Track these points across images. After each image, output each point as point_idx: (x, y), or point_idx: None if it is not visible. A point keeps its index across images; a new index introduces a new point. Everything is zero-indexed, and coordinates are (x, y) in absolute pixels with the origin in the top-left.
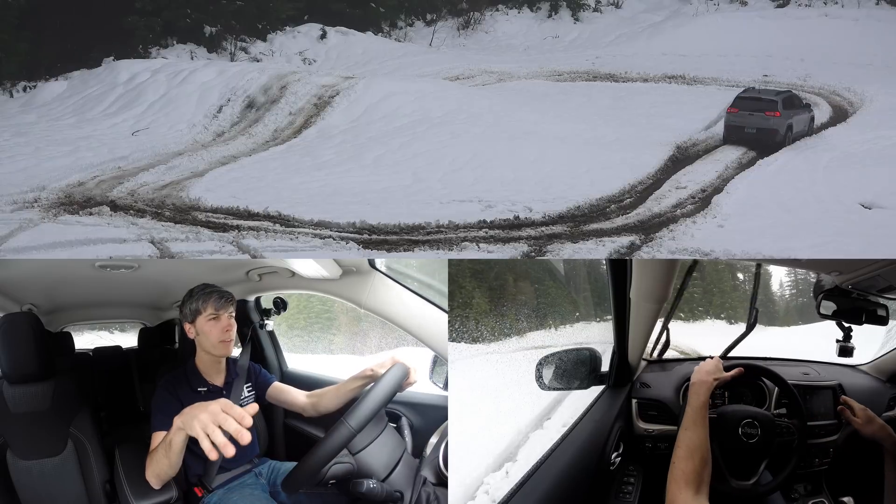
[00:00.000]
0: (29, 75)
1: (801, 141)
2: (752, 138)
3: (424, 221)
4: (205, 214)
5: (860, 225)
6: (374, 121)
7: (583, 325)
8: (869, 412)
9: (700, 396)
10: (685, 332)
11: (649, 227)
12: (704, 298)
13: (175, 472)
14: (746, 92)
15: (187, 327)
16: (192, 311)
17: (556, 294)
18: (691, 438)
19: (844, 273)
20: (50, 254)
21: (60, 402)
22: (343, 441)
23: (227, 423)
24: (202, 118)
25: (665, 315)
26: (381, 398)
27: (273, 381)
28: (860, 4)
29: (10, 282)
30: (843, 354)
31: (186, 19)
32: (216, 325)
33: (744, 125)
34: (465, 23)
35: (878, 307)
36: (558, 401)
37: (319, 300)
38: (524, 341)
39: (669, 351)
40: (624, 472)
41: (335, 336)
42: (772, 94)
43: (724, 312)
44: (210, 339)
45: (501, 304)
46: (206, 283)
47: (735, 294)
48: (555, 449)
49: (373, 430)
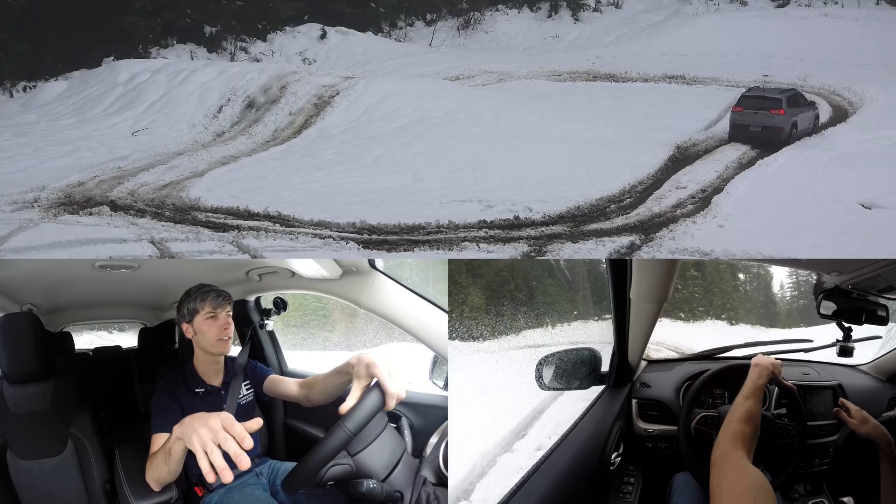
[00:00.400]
0: (29, 75)
1: (801, 141)
2: (758, 136)
3: (424, 221)
4: (205, 214)
5: (860, 225)
6: (374, 121)
7: (580, 323)
8: (864, 413)
9: (762, 377)
10: (685, 333)
11: (649, 227)
12: (705, 298)
13: (174, 478)
14: (751, 91)
15: (185, 327)
16: (190, 310)
17: (554, 293)
18: (751, 407)
19: (844, 273)
20: (50, 254)
21: (60, 402)
22: (342, 442)
23: (227, 444)
24: (202, 118)
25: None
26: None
27: (270, 373)
28: (860, 4)
29: (10, 282)
30: (843, 354)
31: (186, 19)
32: (214, 323)
33: (749, 123)
34: (465, 23)
35: (878, 307)
36: (557, 400)
37: (315, 297)
38: (521, 339)
39: (670, 351)
40: (624, 472)
41: (331, 333)
42: (776, 93)
43: (724, 313)
44: (208, 337)
45: (500, 304)
46: (202, 283)
47: (736, 294)
48: (555, 449)
49: (372, 431)
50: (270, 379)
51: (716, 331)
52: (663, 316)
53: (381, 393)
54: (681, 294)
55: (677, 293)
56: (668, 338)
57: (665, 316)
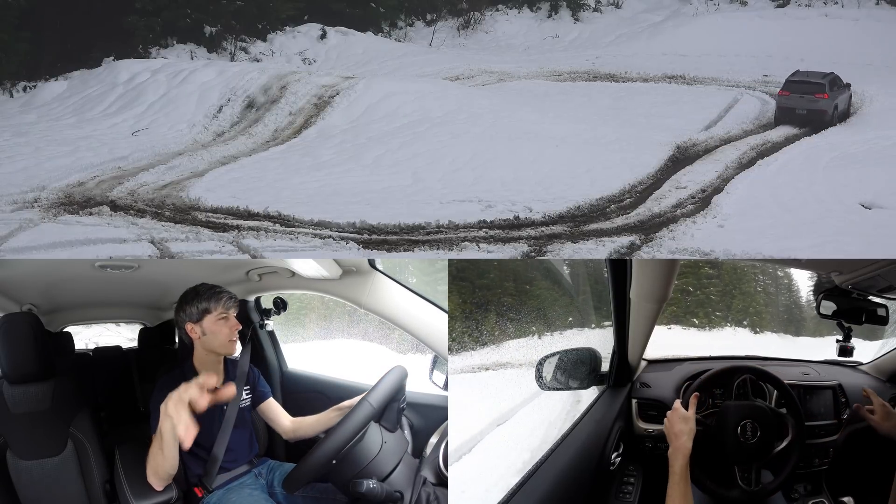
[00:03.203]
0: (29, 75)
1: (801, 140)
2: (804, 119)
3: (424, 221)
4: (205, 214)
5: (860, 225)
6: (374, 121)
7: (575, 331)
8: (889, 407)
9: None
10: (700, 342)
11: (649, 227)
12: (723, 301)
13: (174, 468)
14: (795, 75)
15: (189, 327)
16: (201, 310)
17: (549, 297)
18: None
19: (844, 273)
20: (50, 254)
21: (60, 402)
22: (366, 418)
23: (190, 392)
24: (202, 118)
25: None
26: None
27: (268, 396)
28: (860, 4)
29: (10, 282)
30: (843, 354)
31: (186, 19)
32: (226, 324)
33: (795, 107)
34: (465, 23)
35: (878, 307)
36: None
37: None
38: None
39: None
40: (624, 472)
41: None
42: (819, 77)
43: (746, 318)
44: (219, 338)
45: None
46: (208, 283)
47: (758, 297)
48: (555, 449)
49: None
50: (267, 403)
51: (737, 341)
52: (674, 322)
53: (403, 371)
54: (695, 297)
55: (690, 296)
56: (682, 349)
57: (676, 322)
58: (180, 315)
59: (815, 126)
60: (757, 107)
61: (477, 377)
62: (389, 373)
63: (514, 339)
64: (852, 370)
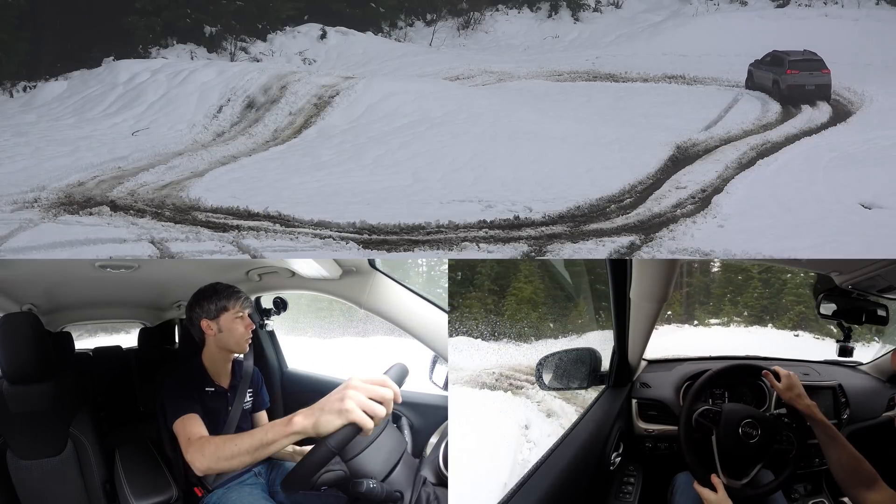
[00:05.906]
0: (29, 75)
1: (801, 140)
2: (811, 94)
3: (424, 221)
4: (205, 214)
5: (860, 225)
6: (374, 121)
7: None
8: (794, 379)
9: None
10: (700, 342)
11: (649, 227)
12: (723, 301)
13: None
14: (791, 55)
15: (206, 323)
16: (219, 307)
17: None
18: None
19: (844, 273)
20: (50, 254)
21: (60, 402)
22: (343, 441)
23: (374, 391)
24: (202, 118)
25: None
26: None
27: (266, 407)
28: (860, 4)
29: (10, 282)
30: (843, 354)
31: (186, 19)
32: (242, 323)
33: (804, 83)
34: (465, 23)
35: (878, 307)
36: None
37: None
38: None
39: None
40: (624, 472)
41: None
42: (812, 55)
43: (746, 318)
44: (235, 336)
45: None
46: (225, 283)
47: (758, 296)
48: (555, 449)
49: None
50: (262, 415)
51: (737, 340)
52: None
53: (404, 367)
54: (695, 297)
55: (691, 297)
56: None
57: (676, 322)
58: (195, 311)
59: (821, 99)
60: (757, 107)
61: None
62: (390, 370)
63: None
64: (852, 370)
